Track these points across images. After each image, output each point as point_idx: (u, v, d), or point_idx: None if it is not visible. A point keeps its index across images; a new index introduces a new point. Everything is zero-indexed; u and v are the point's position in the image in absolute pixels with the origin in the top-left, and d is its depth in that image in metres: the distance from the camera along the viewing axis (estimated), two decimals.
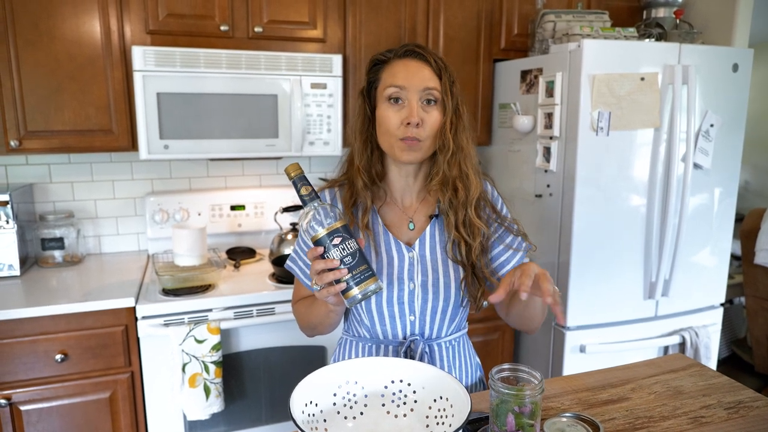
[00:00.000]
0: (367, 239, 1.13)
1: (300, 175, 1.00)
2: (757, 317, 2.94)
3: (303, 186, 0.99)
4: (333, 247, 0.95)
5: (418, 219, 1.17)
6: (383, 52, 1.12)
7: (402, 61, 1.09)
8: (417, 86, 1.06)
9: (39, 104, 1.88)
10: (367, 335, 1.17)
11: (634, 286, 2.13)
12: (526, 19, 2.38)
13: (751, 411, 1.04)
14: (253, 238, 2.46)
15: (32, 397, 1.73)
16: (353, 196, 1.15)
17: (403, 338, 1.14)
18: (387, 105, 1.08)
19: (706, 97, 2.08)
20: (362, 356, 1.17)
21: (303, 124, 2.06)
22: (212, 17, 2.00)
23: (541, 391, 0.84)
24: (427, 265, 1.13)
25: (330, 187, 1.20)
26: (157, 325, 1.79)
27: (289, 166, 1.00)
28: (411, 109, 1.06)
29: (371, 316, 1.14)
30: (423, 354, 1.13)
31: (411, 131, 1.05)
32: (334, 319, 1.12)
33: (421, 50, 1.09)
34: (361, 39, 2.18)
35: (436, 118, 1.07)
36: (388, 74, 1.09)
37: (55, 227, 2.16)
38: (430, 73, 1.07)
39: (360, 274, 0.95)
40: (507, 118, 2.35)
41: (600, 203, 2.01)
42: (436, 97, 1.07)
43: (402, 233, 1.16)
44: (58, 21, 1.85)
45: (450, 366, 1.17)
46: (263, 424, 1.99)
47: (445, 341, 1.17)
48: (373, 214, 1.16)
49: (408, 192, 1.17)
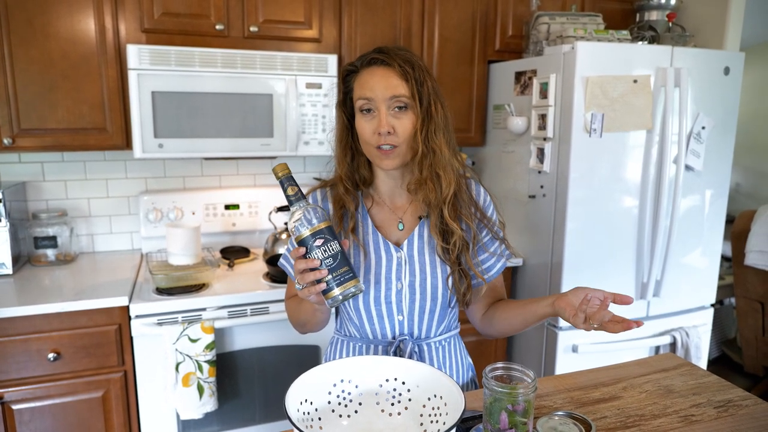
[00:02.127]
0: (353, 242, 1.14)
1: (287, 175, 1.00)
2: (747, 318, 2.97)
3: (290, 186, 1.00)
4: (315, 248, 0.96)
5: (407, 219, 1.17)
6: (352, 61, 1.12)
7: (368, 70, 1.08)
8: (383, 96, 1.05)
9: (32, 102, 1.87)
10: (357, 334, 1.18)
11: (626, 287, 2.15)
12: (520, 20, 2.39)
13: (741, 410, 1.06)
14: (247, 237, 2.46)
15: (24, 396, 1.73)
16: (340, 201, 1.16)
17: (392, 338, 1.15)
18: (360, 116, 1.09)
19: (697, 99, 2.10)
20: (353, 356, 1.18)
21: (298, 124, 2.07)
22: (208, 16, 2.00)
23: (534, 390, 0.85)
24: (415, 265, 1.14)
25: (322, 187, 1.21)
26: (151, 324, 1.79)
27: (277, 166, 1.00)
28: (380, 119, 1.05)
29: (360, 315, 1.15)
30: (412, 354, 1.13)
31: (384, 139, 1.06)
32: (320, 317, 1.14)
33: (384, 56, 1.06)
34: (357, 39, 2.18)
35: (408, 123, 1.06)
36: (357, 85, 1.09)
37: (48, 226, 2.15)
38: (396, 80, 1.05)
39: (340, 276, 0.97)
40: (501, 119, 2.36)
41: (593, 204, 2.03)
42: (405, 102, 1.06)
43: (391, 233, 1.17)
44: (52, 18, 1.84)
45: (440, 366, 1.17)
46: (257, 424, 1.99)
47: (435, 341, 1.17)
48: (363, 214, 1.17)
49: (397, 193, 1.18)
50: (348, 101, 1.13)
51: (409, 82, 1.05)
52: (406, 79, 1.05)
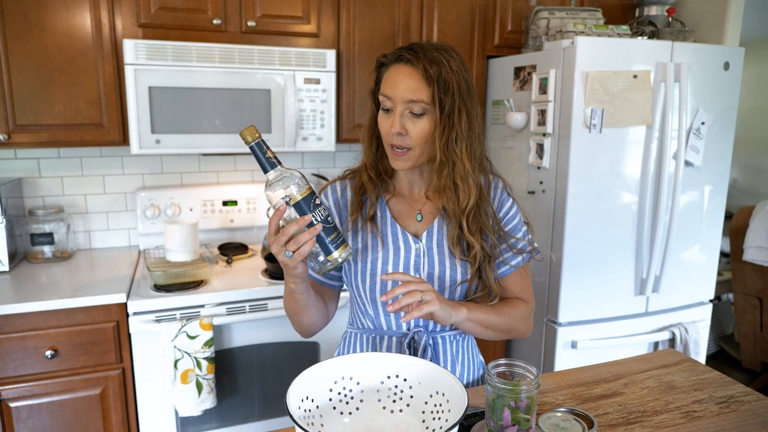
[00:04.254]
0: (372, 231, 1.13)
1: (261, 138, 0.93)
2: (745, 313, 2.98)
3: (268, 149, 0.93)
4: (317, 207, 0.93)
5: (426, 211, 1.17)
6: (386, 53, 1.11)
7: (394, 66, 1.06)
8: (401, 97, 1.03)
9: (28, 97, 1.85)
10: (371, 326, 1.17)
11: (625, 283, 2.15)
12: (519, 15, 2.38)
13: (743, 405, 1.05)
14: (245, 233, 2.45)
15: (22, 393, 1.72)
16: (362, 188, 1.16)
17: (407, 329, 1.15)
18: (381, 111, 1.09)
19: (697, 94, 2.10)
20: (367, 348, 1.18)
21: (296, 120, 2.05)
22: (205, 11, 1.98)
23: (537, 386, 0.84)
24: (434, 257, 1.13)
25: (342, 179, 1.20)
26: (149, 321, 1.78)
27: (246, 130, 0.92)
28: (394, 119, 1.04)
29: (375, 306, 1.14)
30: (426, 346, 1.13)
31: (397, 140, 1.05)
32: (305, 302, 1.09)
33: (412, 55, 1.03)
34: (355, 34, 2.17)
35: (423, 128, 1.04)
36: (384, 80, 1.08)
37: (44, 222, 2.13)
38: (418, 82, 1.02)
39: (337, 238, 0.96)
40: (500, 115, 2.35)
41: (592, 200, 2.02)
42: (422, 109, 1.03)
43: (410, 224, 1.16)
44: (48, 13, 1.82)
45: (453, 360, 1.17)
46: (256, 420, 1.98)
47: (450, 335, 1.17)
48: (381, 205, 1.17)
49: (416, 187, 1.18)
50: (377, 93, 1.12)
51: (431, 87, 1.01)
52: (428, 82, 1.02)
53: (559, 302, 2.07)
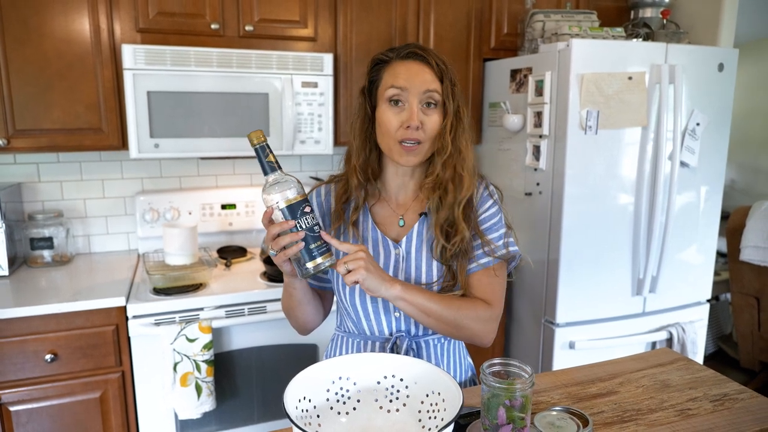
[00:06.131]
0: (354, 237, 1.15)
1: (266, 143, 0.99)
2: (743, 313, 2.99)
3: (271, 153, 0.99)
4: (304, 215, 0.97)
5: (408, 216, 1.17)
6: (385, 51, 1.12)
7: (404, 62, 1.08)
8: (418, 88, 1.06)
9: (28, 102, 1.86)
10: (355, 330, 1.18)
11: (622, 283, 2.16)
12: (515, 18, 2.40)
13: (737, 403, 1.06)
14: (244, 236, 2.46)
15: (22, 397, 1.72)
16: (347, 193, 1.16)
17: (389, 334, 1.15)
18: (387, 106, 1.08)
19: (692, 96, 2.11)
20: (351, 352, 1.18)
21: (294, 123, 2.06)
22: (203, 15, 1.99)
23: (532, 385, 0.85)
24: (412, 262, 1.14)
25: (327, 184, 1.21)
26: (148, 324, 1.78)
27: (253, 133, 0.98)
28: (411, 111, 1.06)
29: (356, 311, 1.15)
30: (409, 350, 1.13)
31: (411, 134, 1.06)
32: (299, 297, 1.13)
33: (423, 52, 1.08)
34: (352, 38, 2.18)
35: (436, 121, 1.08)
36: (389, 75, 1.09)
37: (44, 227, 2.14)
38: (431, 76, 1.07)
39: (323, 245, 0.98)
40: (497, 117, 2.36)
41: (589, 201, 2.03)
42: (436, 99, 1.07)
43: (391, 230, 1.17)
44: (47, 18, 1.84)
45: (438, 363, 1.18)
46: (255, 423, 1.99)
47: (434, 339, 1.17)
48: (364, 211, 1.17)
49: (403, 190, 1.18)
50: (373, 91, 1.12)
51: (444, 82, 1.07)
52: (441, 78, 1.07)
53: (556, 303, 2.08)
